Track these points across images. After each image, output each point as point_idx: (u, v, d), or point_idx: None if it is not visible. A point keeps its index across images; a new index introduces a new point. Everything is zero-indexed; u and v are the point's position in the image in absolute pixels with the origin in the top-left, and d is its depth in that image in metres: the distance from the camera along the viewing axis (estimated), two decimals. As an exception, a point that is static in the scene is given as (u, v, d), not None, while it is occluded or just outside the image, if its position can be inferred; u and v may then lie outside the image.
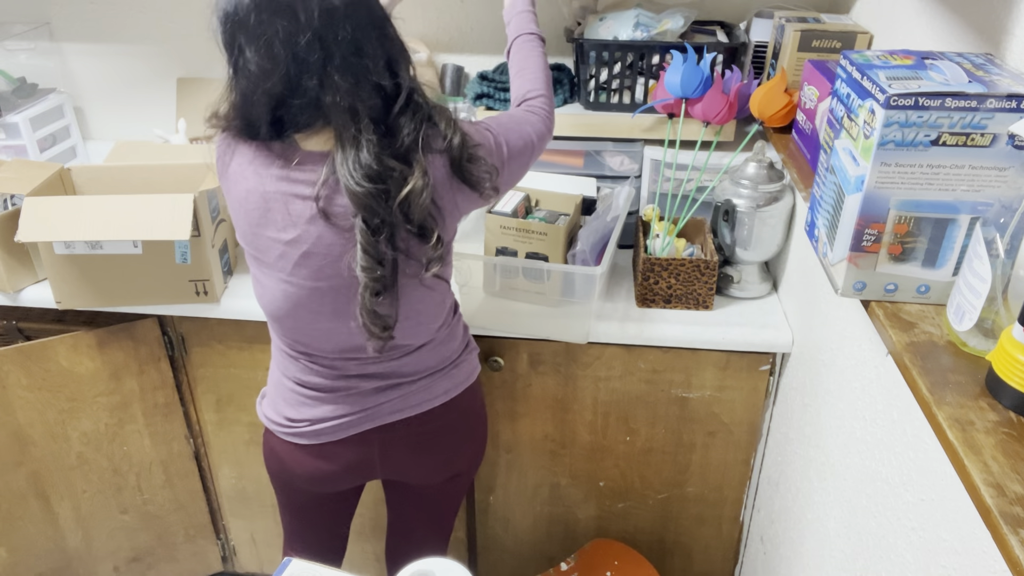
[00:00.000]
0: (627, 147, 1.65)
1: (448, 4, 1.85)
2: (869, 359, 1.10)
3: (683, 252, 1.54)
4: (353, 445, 1.25)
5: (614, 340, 1.49)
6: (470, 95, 1.71)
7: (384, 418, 1.23)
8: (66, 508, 1.71)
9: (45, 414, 1.60)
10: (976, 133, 0.83)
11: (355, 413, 1.22)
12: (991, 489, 0.67)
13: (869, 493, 1.07)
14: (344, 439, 1.24)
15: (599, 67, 1.63)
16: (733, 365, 1.50)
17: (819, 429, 1.29)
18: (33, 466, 1.63)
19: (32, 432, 1.60)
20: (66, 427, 1.63)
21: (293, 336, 1.17)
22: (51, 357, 1.55)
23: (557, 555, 1.77)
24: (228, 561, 1.97)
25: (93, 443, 1.67)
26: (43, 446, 1.62)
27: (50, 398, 1.59)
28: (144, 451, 1.73)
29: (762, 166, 1.46)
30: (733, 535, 1.74)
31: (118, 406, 1.66)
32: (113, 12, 1.96)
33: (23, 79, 1.97)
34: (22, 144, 1.86)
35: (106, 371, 1.61)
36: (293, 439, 1.24)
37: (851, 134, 0.94)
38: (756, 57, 1.69)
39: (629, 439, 1.62)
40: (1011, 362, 0.75)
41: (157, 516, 1.83)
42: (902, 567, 0.95)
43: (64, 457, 1.66)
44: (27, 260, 1.59)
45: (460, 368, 1.28)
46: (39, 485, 1.66)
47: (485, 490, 1.74)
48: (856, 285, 0.96)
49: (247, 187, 1.06)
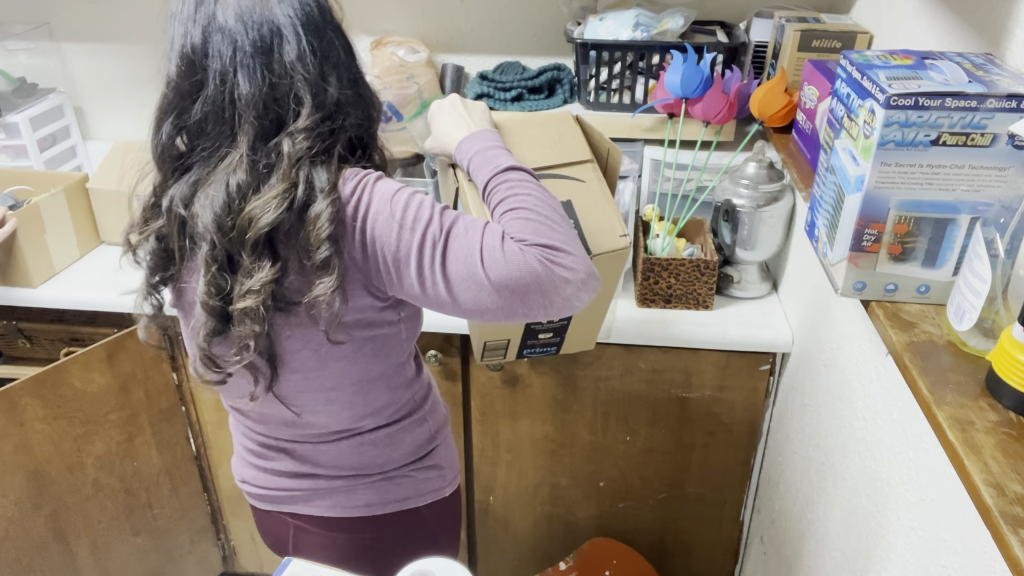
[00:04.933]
0: (627, 147, 1.65)
1: (448, 4, 1.85)
2: (869, 359, 1.10)
3: (683, 252, 1.54)
4: (272, 520, 1.15)
5: (614, 340, 1.49)
6: (470, 95, 1.71)
7: (295, 506, 1.10)
8: (83, 547, 1.67)
9: (61, 445, 1.56)
10: (976, 133, 0.83)
11: (271, 489, 1.11)
12: (991, 489, 0.67)
13: (869, 493, 1.07)
14: (266, 511, 1.14)
15: (599, 67, 1.63)
16: (733, 365, 1.50)
17: (819, 429, 1.29)
18: (52, 506, 1.59)
19: (50, 468, 1.56)
20: (81, 454, 1.60)
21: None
22: (65, 380, 1.53)
23: (557, 555, 1.77)
24: (228, 561, 1.97)
25: (107, 466, 1.65)
26: (60, 481, 1.58)
27: (66, 426, 1.55)
28: (152, 462, 1.72)
29: (762, 166, 1.46)
30: (733, 535, 1.74)
31: (128, 420, 1.65)
32: (113, 12, 1.96)
33: (23, 79, 1.97)
34: (22, 144, 1.86)
35: (116, 384, 1.60)
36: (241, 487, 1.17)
37: (851, 134, 0.94)
38: (756, 57, 1.69)
39: (629, 439, 1.62)
40: (1011, 362, 0.75)
41: (165, 530, 1.81)
42: (902, 567, 0.95)
43: (81, 488, 1.62)
44: (46, 255, 1.59)
45: (395, 483, 1.08)
46: (58, 525, 1.62)
47: (485, 490, 1.74)
48: (856, 285, 0.95)
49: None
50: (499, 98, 1.65)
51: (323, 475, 1.08)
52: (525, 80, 1.66)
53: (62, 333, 1.67)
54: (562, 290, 0.85)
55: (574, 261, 0.86)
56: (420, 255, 0.86)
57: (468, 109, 1.05)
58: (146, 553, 1.80)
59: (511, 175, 0.94)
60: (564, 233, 0.88)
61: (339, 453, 1.06)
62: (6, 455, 1.48)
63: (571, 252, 0.86)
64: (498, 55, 1.88)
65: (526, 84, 1.65)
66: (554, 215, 0.90)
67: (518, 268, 0.83)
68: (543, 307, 0.86)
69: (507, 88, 1.65)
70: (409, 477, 1.09)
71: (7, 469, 1.49)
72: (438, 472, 1.13)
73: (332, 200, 0.87)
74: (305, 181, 0.88)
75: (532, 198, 0.90)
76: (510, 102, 1.65)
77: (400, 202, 0.88)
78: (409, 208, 0.87)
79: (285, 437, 1.07)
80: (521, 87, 1.65)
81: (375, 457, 1.07)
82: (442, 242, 0.86)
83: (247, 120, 0.88)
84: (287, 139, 0.89)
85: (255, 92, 0.88)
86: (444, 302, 0.88)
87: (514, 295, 0.84)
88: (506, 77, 1.68)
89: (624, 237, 1.08)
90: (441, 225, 0.87)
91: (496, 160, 0.96)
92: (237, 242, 0.88)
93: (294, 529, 1.13)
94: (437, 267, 0.86)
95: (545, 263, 0.84)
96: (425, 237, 0.86)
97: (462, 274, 0.85)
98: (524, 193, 0.91)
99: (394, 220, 0.87)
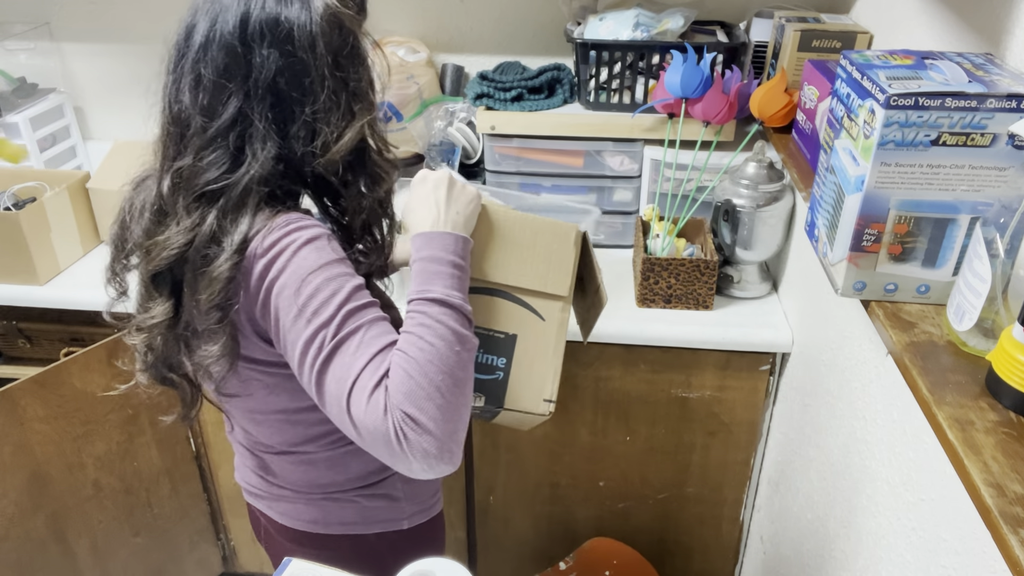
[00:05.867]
0: (627, 147, 1.65)
1: (448, 4, 1.85)
2: (869, 359, 1.10)
3: (683, 252, 1.54)
4: (253, 513, 1.16)
5: (614, 340, 1.49)
6: (470, 95, 1.71)
7: (259, 502, 1.11)
8: (84, 547, 1.67)
9: (61, 445, 1.56)
10: (976, 133, 0.83)
11: (248, 484, 1.12)
12: (991, 489, 0.67)
13: (869, 493, 1.07)
14: (249, 504, 1.15)
15: (599, 67, 1.63)
16: (733, 365, 1.50)
17: (819, 429, 1.29)
18: (52, 506, 1.59)
19: (50, 469, 1.56)
20: (81, 454, 1.60)
21: None
22: (65, 380, 1.52)
23: (557, 555, 1.77)
24: (228, 561, 1.97)
25: (107, 466, 1.65)
26: (61, 481, 1.58)
27: (66, 426, 1.55)
28: (152, 462, 1.72)
29: (762, 166, 1.46)
30: (733, 535, 1.74)
31: (128, 420, 1.65)
32: (113, 12, 1.96)
33: (23, 79, 1.97)
34: (22, 144, 1.86)
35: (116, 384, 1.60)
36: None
37: (851, 134, 0.94)
38: (756, 57, 1.69)
39: (629, 439, 1.62)
40: (1011, 362, 0.75)
41: (165, 530, 1.81)
42: (902, 567, 0.95)
43: (81, 488, 1.62)
44: (51, 253, 1.60)
45: (338, 505, 1.04)
46: (58, 526, 1.61)
47: (485, 490, 1.74)
48: (856, 285, 0.95)
49: None
50: (499, 98, 1.65)
51: (278, 484, 1.06)
52: (525, 80, 1.66)
53: (62, 333, 1.67)
54: (403, 464, 0.80)
55: (430, 443, 0.78)
56: (304, 352, 0.81)
57: (449, 197, 0.94)
58: (146, 553, 1.79)
59: (432, 309, 0.84)
60: (440, 407, 0.79)
61: (283, 467, 1.03)
62: (6, 455, 1.47)
63: (432, 433, 0.78)
64: (498, 55, 1.88)
65: (526, 84, 1.65)
66: (444, 380, 0.80)
67: (372, 424, 0.78)
68: (388, 462, 0.81)
69: (507, 88, 1.65)
70: (354, 503, 1.04)
71: (7, 469, 1.48)
72: (391, 503, 1.06)
73: (235, 261, 0.81)
74: (209, 229, 0.82)
75: (434, 349, 0.81)
76: (510, 102, 1.65)
77: (311, 285, 0.81)
78: (316, 297, 0.80)
79: (248, 442, 1.07)
80: (521, 87, 1.65)
81: (317, 478, 1.02)
82: (327, 352, 0.80)
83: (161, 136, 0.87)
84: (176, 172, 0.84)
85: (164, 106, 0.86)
86: (311, 396, 0.84)
87: (363, 438, 0.80)
88: (506, 77, 1.68)
89: (548, 403, 0.99)
90: (336, 332, 0.80)
91: (430, 280, 0.87)
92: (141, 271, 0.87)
93: (264, 528, 1.14)
94: (314, 373, 0.81)
95: (398, 433, 0.77)
96: (314, 338, 0.80)
97: (332, 393, 0.80)
98: (430, 340, 0.81)
99: (296, 302, 0.80)
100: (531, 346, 0.99)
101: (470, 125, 1.79)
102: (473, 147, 1.79)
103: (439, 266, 0.88)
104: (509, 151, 1.69)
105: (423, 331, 0.82)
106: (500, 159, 1.70)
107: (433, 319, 0.83)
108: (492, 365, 0.99)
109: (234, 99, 0.82)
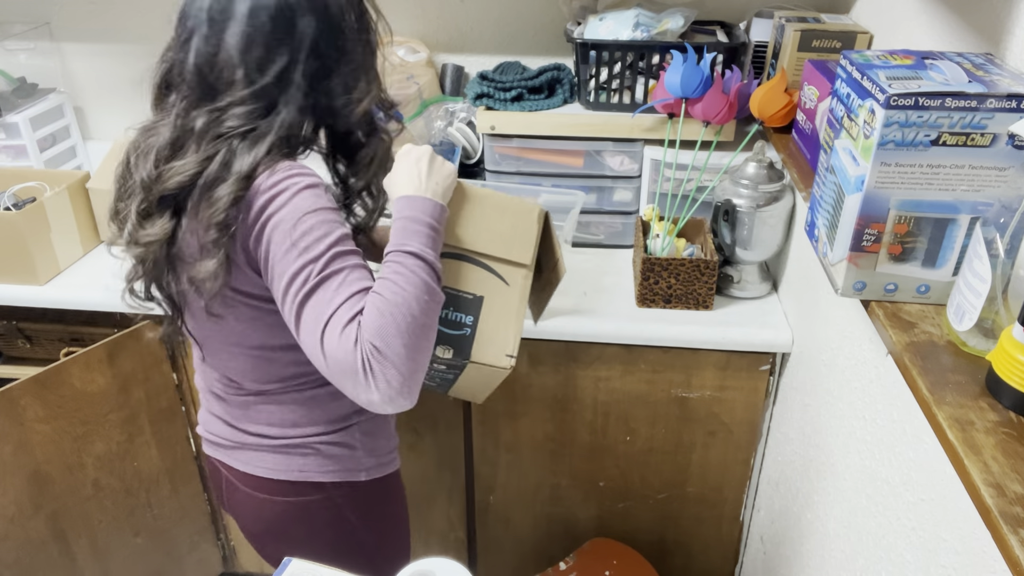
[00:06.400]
0: (627, 147, 1.65)
1: (448, 4, 1.85)
2: (869, 359, 1.10)
3: (683, 252, 1.54)
4: (214, 469, 1.20)
5: (614, 340, 1.49)
6: (470, 95, 1.71)
7: (226, 454, 1.15)
8: (83, 547, 1.67)
9: (61, 445, 1.56)
10: (976, 133, 0.83)
11: (212, 434, 1.16)
12: (991, 489, 0.67)
13: (869, 493, 1.07)
14: (210, 458, 1.19)
15: (599, 67, 1.63)
16: (733, 365, 1.50)
17: (819, 429, 1.29)
18: (52, 506, 1.59)
19: (50, 469, 1.56)
20: (81, 454, 1.60)
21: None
22: (65, 380, 1.53)
23: (557, 555, 1.77)
24: (228, 561, 1.97)
25: (107, 466, 1.65)
26: (60, 481, 1.58)
27: (66, 426, 1.55)
28: (152, 463, 1.72)
29: (762, 166, 1.46)
30: (733, 535, 1.74)
31: (128, 420, 1.65)
32: (113, 12, 1.96)
33: (23, 79, 1.97)
34: (22, 144, 1.86)
35: (116, 384, 1.60)
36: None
37: (851, 134, 0.94)
38: (756, 57, 1.69)
39: (629, 439, 1.62)
40: (1011, 362, 0.75)
41: (165, 530, 1.81)
42: (902, 567, 0.95)
43: (81, 488, 1.62)
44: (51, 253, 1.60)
45: (298, 453, 1.10)
46: (58, 526, 1.62)
47: (485, 490, 1.74)
48: (856, 285, 0.95)
49: None
50: (499, 98, 1.65)
51: (243, 430, 1.11)
52: (525, 80, 1.66)
53: (62, 333, 1.67)
54: (364, 395, 0.87)
55: (393, 376, 0.86)
56: (290, 283, 0.89)
57: (430, 169, 1.04)
58: (146, 553, 1.79)
59: (407, 260, 0.94)
60: (405, 344, 0.88)
61: (248, 410, 1.10)
62: (6, 455, 1.47)
63: (396, 367, 0.87)
64: (498, 55, 1.88)
65: (526, 84, 1.65)
66: (411, 322, 0.89)
67: (343, 355, 0.86)
68: (350, 393, 0.89)
69: (507, 88, 1.65)
70: (315, 449, 1.10)
71: (7, 469, 1.48)
72: (350, 452, 1.13)
73: (239, 188, 0.90)
74: (222, 159, 0.91)
75: (405, 294, 0.90)
76: (510, 102, 1.65)
77: (305, 223, 0.90)
78: (309, 234, 0.89)
79: (219, 385, 1.12)
80: (521, 87, 1.65)
81: (281, 420, 1.09)
82: (310, 286, 0.88)
83: (186, 84, 0.95)
84: (204, 114, 0.93)
85: (196, 60, 0.94)
86: (290, 327, 0.92)
87: (332, 369, 0.88)
88: (506, 77, 1.68)
89: (509, 358, 1.09)
90: (322, 269, 0.89)
91: (409, 237, 0.96)
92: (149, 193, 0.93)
93: (225, 482, 1.17)
94: (296, 303, 0.89)
95: (365, 364, 0.86)
96: (301, 271, 0.89)
97: (309, 323, 0.89)
98: (402, 286, 0.90)
99: (290, 237, 0.89)
100: (496, 307, 1.10)
101: (470, 125, 1.79)
102: (473, 147, 1.79)
103: (417, 225, 0.97)
104: (509, 151, 1.69)
105: (397, 278, 0.92)
106: (500, 159, 1.70)
107: (408, 269, 0.93)
108: (460, 322, 1.09)
109: (280, 58, 0.94)
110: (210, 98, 0.95)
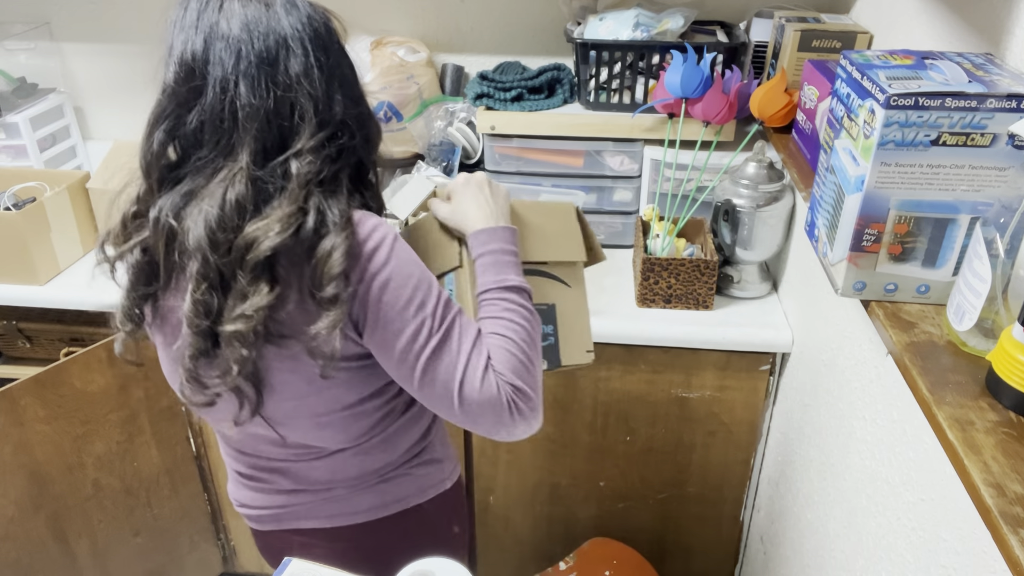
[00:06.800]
0: (627, 147, 1.65)
1: (448, 4, 1.85)
2: (869, 359, 1.10)
3: (683, 252, 1.54)
4: (274, 538, 1.13)
5: (614, 340, 1.49)
6: (470, 95, 1.71)
7: (297, 522, 1.09)
8: (83, 547, 1.67)
9: (61, 445, 1.56)
10: (976, 133, 0.83)
11: (270, 508, 1.09)
12: (991, 489, 0.67)
13: (869, 493, 1.07)
14: (268, 531, 1.13)
15: (599, 67, 1.63)
16: (733, 365, 1.50)
17: (819, 429, 1.29)
18: (52, 506, 1.58)
19: (50, 468, 1.55)
20: (81, 454, 1.59)
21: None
22: (65, 380, 1.52)
23: (557, 555, 1.77)
24: (228, 561, 1.97)
25: (107, 466, 1.65)
26: (60, 481, 1.58)
27: (66, 426, 1.55)
28: (152, 462, 1.72)
29: (762, 166, 1.46)
30: (733, 535, 1.74)
31: (127, 419, 1.64)
32: (113, 12, 1.96)
33: (23, 79, 1.97)
34: (22, 144, 1.86)
35: (116, 384, 1.60)
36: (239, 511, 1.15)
37: (851, 134, 0.94)
38: (756, 57, 1.69)
39: (629, 439, 1.62)
40: (1011, 362, 0.75)
41: (165, 530, 1.81)
42: (902, 567, 0.95)
43: (81, 488, 1.62)
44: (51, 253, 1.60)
45: (394, 484, 1.07)
46: (58, 526, 1.61)
47: (485, 490, 1.74)
48: (856, 285, 0.95)
49: None
50: (499, 98, 1.65)
51: (321, 489, 1.06)
52: (525, 80, 1.66)
53: (62, 333, 1.67)
54: (511, 428, 0.90)
55: (532, 408, 0.92)
56: (412, 341, 0.88)
57: (494, 193, 1.03)
58: (146, 553, 1.79)
59: (513, 296, 0.96)
60: (534, 376, 0.93)
61: (335, 467, 1.04)
62: (6, 455, 1.47)
63: (533, 399, 0.92)
64: (498, 55, 1.88)
65: (526, 84, 1.65)
66: (533, 355, 0.94)
67: (488, 400, 0.88)
68: (487, 431, 0.91)
69: (507, 88, 1.65)
70: (408, 475, 1.08)
71: (7, 469, 1.48)
72: (437, 466, 1.11)
73: (347, 235, 0.85)
74: (316, 209, 0.85)
75: (523, 331, 0.94)
76: (510, 102, 1.65)
77: (413, 278, 0.89)
78: (420, 288, 0.89)
79: (277, 457, 1.04)
80: (521, 87, 1.65)
81: (372, 464, 1.05)
82: (435, 341, 0.88)
83: (249, 132, 0.85)
84: (295, 158, 0.85)
85: (258, 104, 0.84)
86: (406, 382, 0.91)
87: (469, 415, 0.89)
88: (506, 77, 1.68)
89: (590, 353, 1.15)
90: (441, 321, 0.89)
91: (506, 271, 0.97)
92: (234, 262, 0.83)
93: (297, 545, 1.11)
94: (422, 361, 0.88)
95: (511, 404, 0.89)
96: (422, 327, 0.88)
97: (439, 378, 0.88)
98: (518, 323, 0.94)
99: (403, 293, 0.87)
100: (567, 309, 1.14)
101: (470, 125, 1.79)
102: (473, 147, 1.79)
103: (507, 257, 0.99)
104: (509, 151, 1.69)
105: (512, 315, 0.94)
106: (500, 159, 1.70)
107: (516, 304, 0.96)
108: (545, 334, 1.13)
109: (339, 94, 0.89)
110: (280, 146, 0.86)
